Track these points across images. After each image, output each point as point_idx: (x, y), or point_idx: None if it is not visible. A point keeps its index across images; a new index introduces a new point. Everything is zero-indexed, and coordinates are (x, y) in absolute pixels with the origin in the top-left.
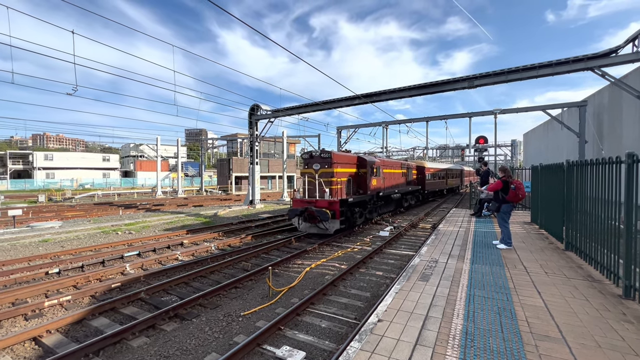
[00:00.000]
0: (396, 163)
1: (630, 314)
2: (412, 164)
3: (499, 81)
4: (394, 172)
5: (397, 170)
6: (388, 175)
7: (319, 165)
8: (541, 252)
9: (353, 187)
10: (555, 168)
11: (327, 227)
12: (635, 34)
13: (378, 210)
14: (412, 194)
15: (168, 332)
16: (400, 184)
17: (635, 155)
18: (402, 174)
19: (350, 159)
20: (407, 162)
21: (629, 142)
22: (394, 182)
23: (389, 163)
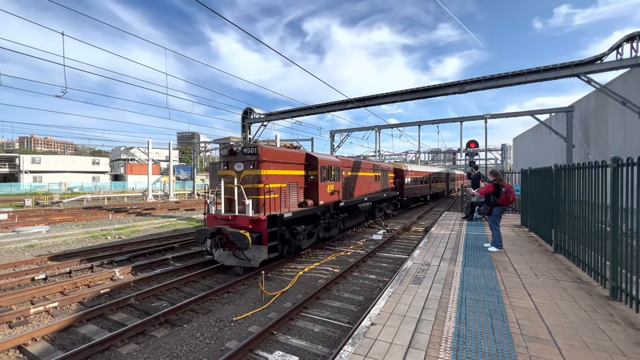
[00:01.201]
0: (367, 165)
1: (617, 314)
2: (389, 166)
3: (489, 86)
4: (363, 176)
5: (367, 173)
6: (354, 179)
7: (242, 165)
8: (531, 254)
9: (298, 197)
10: (544, 172)
11: (248, 257)
12: (619, 42)
13: (340, 225)
14: (388, 201)
15: (158, 339)
16: (372, 190)
17: (619, 159)
18: (375, 177)
19: (291, 157)
20: (382, 164)
21: (614, 147)
22: (362, 188)
23: (355, 164)
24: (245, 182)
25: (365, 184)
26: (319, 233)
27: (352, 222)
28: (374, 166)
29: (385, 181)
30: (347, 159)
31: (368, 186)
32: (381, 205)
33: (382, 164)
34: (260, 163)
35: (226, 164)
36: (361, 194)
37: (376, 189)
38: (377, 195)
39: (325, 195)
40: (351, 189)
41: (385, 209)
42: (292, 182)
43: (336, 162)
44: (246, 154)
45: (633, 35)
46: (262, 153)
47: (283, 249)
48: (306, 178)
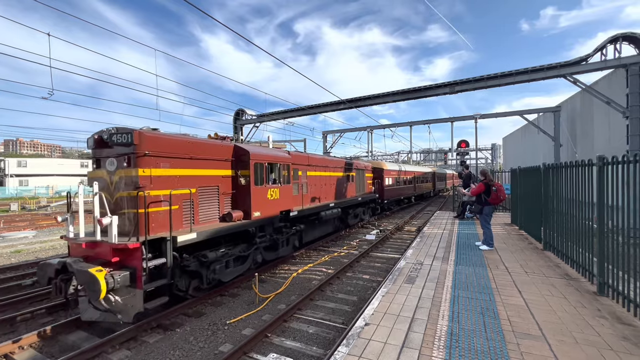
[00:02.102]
0: (334, 162)
1: (605, 310)
2: (365, 165)
3: (478, 87)
4: (330, 177)
5: (334, 173)
6: (316, 181)
7: (114, 162)
8: (521, 252)
9: (221, 207)
10: (532, 171)
11: (111, 308)
12: (603, 44)
13: (294, 241)
14: (364, 205)
15: (150, 344)
16: (343, 193)
17: (605, 158)
18: (348, 178)
19: (205, 150)
20: (357, 163)
21: (600, 145)
22: (328, 191)
23: (317, 162)
24: (119, 188)
25: (332, 186)
26: (256, 256)
27: (314, 234)
28: (345, 165)
29: (361, 182)
30: (304, 155)
31: (337, 189)
32: (356, 210)
33: (357, 162)
34: (138, 158)
35: (96, 161)
36: (327, 199)
37: (349, 192)
38: (350, 200)
39: (263, 204)
40: (311, 192)
41: (362, 215)
42: (208, 187)
43: (283, 159)
44: (118, 143)
45: (616, 37)
46: (143, 142)
47: (188, 286)
48: (234, 180)
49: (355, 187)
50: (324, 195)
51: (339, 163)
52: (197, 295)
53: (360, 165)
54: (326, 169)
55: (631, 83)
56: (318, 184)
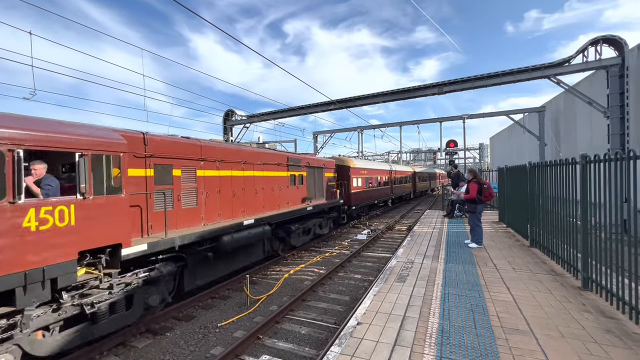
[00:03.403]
0: (261, 156)
1: (589, 304)
2: (325, 162)
3: (466, 87)
4: (252, 178)
5: (261, 172)
6: (222, 185)
7: None
8: (509, 249)
9: None
10: (519, 169)
11: None
12: (585, 46)
13: (145, 302)
14: (320, 216)
15: (139, 349)
16: (280, 201)
17: (587, 156)
18: (290, 180)
19: None
20: (306, 157)
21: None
22: (250, 200)
23: (219, 153)
24: None
25: (259, 192)
26: None
27: (215, 271)
28: (287, 161)
29: (317, 185)
30: (183, 142)
31: (269, 196)
32: (306, 224)
33: (309, 156)
34: None
35: None
36: (246, 213)
37: (293, 199)
38: (293, 211)
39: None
40: (211, 204)
41: (318, 229)
42: None
43: (86, 143)
44: None
45: (597, 40)
46: None
47: None
48: None
49: (307, 192)
50: (240, 207)
51: (273, 158)
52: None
53: (315, 162)
54: (245, 167)
55: (611, 84)
56: (226, 189)
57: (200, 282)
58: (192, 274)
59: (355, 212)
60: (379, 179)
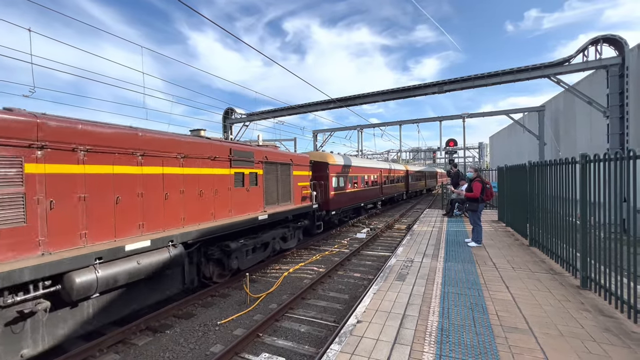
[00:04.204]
0: (192, 145)
1: (588, 303)
2: (292, 157)
3: (466, 86)
4: (167, 175)
5: (190, 169)
6: (106, 185)
7: None
8: (508, 248)
9: None
10: (518, 169)
11: None
12: (585, 45)
13: None
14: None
15: (139, 347)
16: (216, 210)
17: (587, 156)
18: (236, 179)
19: None
20: (264, 151)
21: (582, 144)
22: (163, 210)
23: (118, 138)
24: None
25: (162, 197)
26: None
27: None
28: (230, 153)
29: (279, 186)
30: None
31: (190, 201)
32: (260, 238)
33: (268, 149)
34: None
35: None
36: (126, 229)
37: (235, 206)
38: (234, 223)
39: None
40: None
41: (278, 244)
42: None
43: None
44: None
45: (597, 39)
46: None
47: None
48: None
49: (265, 195)
50: (133, 219)
51: (202, 149)
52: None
53: (278, 156)
54: (146, 160)
55: (611, 84)
56: (102, 195)
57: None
58: None
59: (336, 217)
60: (366, 179)
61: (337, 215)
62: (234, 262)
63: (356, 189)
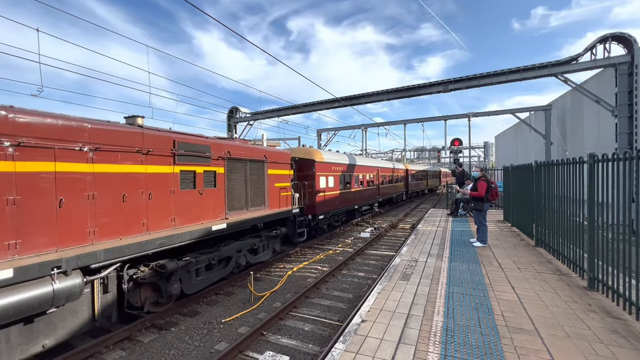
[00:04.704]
0: (117, 135)
1: (595, 304)
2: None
3: (471, 85)
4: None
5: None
6: None
7: None
8: (514, 248)
9: None
10: (525, 168)
11: None
12: (593, 43)
13: None
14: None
15: (145, 344)
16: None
17: (595, 155)
18: (182, 180)
19: None
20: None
21: (589, 143)
22: (56, 221)
23: None
24: None
25: (52, 204)
26: None
27: None
28: (174, 146)
29: (249, 187)
30: None
31: (107, 209)
32: (216, 253)
33: (227, 143)
34: None
35: None
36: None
37: (181, 213)
38: (172, 236)
39: None
40: None
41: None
42: None
43: None
44: None
45: (605, 37)
46: None
47: None
48: None
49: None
50: (8, 236)
51: (132, 139)
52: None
53: (246, 152)
54: (21, 151)
55: (620, 82)
56: None
57: None
58: None
59: (324, 222)
60: (361, 178)
61: (326, 219)
62: (175, 285)
63: (349, 189)
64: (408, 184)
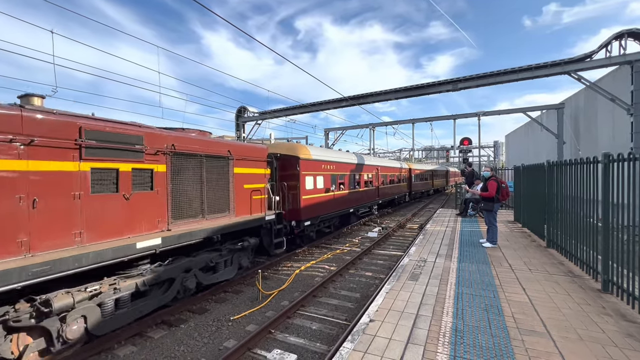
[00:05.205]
0: None
1: (609, 307)
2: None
3: (481, 84)
4: None
5: None
6: None
7: None
8: (525, 249)
9: None
10: (536, 168)
11: None
12: (608, 40)
13: None
14: (215, 249)
15: (155, 340)
16: (67, 232)
17: (610, 155)
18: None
19: None
20: (180, 135)
21: (603, 143)
22: None
23: None
24: None
25: None
26: None
27: None
28: (81, 134)
29: (206, 189)
30: None
31: None
32: (150, 277)
33: (172, 133)
34: None
35: None
36: None
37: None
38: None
39: None
40: None
41: (189, 280)
42: None
43: None
44: None
45: (621, 34)
46: None
47: None
48: None
49: (169, 205)
50: None
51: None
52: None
53: (201, 146)
54: None
55: (636, 80)
56: None
57: None
58: None
59: (311, 229)
60: (357, 178)
61: (314, 226)
62: (74, 327)
63: (343, 191)
64: (411, 185)
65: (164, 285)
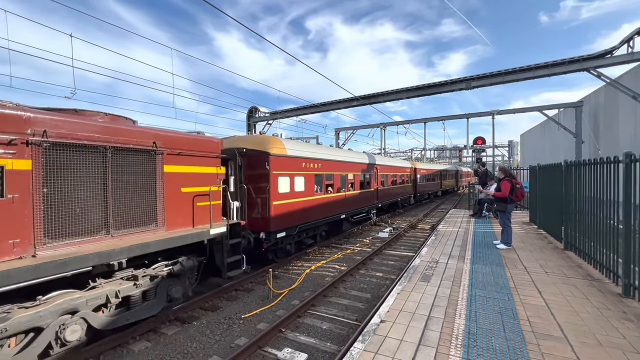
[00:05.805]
0: None
1: (631, 312)
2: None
3: (496, 82)
4: None
5: None
6: None
7: None
8: (540, 251)
9: None
10: (553, 168)
11: None
12: (630, 35)
13: None
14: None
15: (169, 336)
16: None
17: (632, 154)
18: None
19: None
20: (47, 117)
21: (625, 142)
22: None
23: None
24: None
25: None
26: None
27: None
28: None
29: (122, 196)
30: None
31: None
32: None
33: (43, 114)
34: None
35: None
36: None
37: None
38: None
39: None
40: None
41: (71, 330)
42: None
43: None
44: None
45: None
46: None
47: None
48: None
49: (40, 218)
50: None
51: None
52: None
53: (102, 133)
54: None
55: None
56: None
57: None
58: None
59: (288, 241)
60: (352, 178)
61: (291, 237)
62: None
63: (331, 194)
64: (417, 186)
65: (25, 337)
